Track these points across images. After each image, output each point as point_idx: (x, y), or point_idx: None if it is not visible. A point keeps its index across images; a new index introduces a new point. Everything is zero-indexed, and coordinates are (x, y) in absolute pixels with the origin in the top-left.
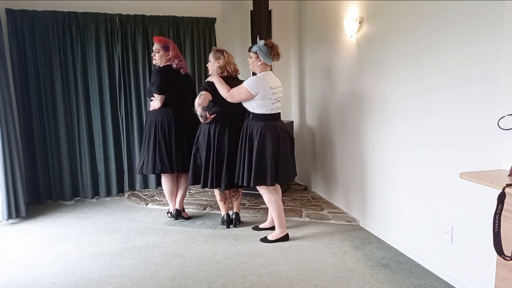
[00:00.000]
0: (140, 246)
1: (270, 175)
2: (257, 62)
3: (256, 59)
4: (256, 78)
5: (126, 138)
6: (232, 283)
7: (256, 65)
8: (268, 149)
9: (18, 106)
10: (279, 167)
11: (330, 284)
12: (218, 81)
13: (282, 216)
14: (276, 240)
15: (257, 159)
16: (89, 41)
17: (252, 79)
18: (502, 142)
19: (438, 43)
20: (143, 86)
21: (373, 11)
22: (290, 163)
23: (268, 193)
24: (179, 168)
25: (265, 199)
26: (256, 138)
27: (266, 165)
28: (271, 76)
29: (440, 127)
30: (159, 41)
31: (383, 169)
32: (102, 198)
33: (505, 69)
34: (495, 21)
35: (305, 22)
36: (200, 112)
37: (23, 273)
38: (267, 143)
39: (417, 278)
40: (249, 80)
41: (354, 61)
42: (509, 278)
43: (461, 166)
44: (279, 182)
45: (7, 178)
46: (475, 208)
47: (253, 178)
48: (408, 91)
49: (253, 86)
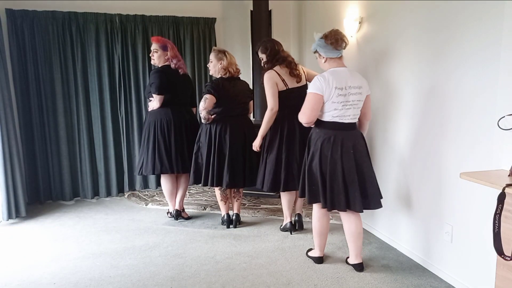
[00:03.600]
0: (140, 246)
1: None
2: (322, 60)
3: (320, 58)
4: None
5: (126, 138)
6: (232, 283)
7: (322, 64)
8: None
9: (18, 106)
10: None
11: (330, 284)
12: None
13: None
14: (309, 257)
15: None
16: (89, 41)
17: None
18: (502, 142)
19: (439, 43)
20: (143, 86)
21: (373, 11)
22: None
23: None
24: (178, 169)
25: None
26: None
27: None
28: (340, 73)
29: (440, 127)
30: (157, 41)
31: (382, 169)
32: (102, 198)
33: (505, 69)
34: (495, 21)
35: (305, 22)
36: (205, 115)
37: (23, 273)
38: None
39: (417, 278)
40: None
41: (354, 61)
42: (509, 278)
43: (461, 166)
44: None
45: (7, 178)
46: (475, 208)
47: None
48: (408, 91)
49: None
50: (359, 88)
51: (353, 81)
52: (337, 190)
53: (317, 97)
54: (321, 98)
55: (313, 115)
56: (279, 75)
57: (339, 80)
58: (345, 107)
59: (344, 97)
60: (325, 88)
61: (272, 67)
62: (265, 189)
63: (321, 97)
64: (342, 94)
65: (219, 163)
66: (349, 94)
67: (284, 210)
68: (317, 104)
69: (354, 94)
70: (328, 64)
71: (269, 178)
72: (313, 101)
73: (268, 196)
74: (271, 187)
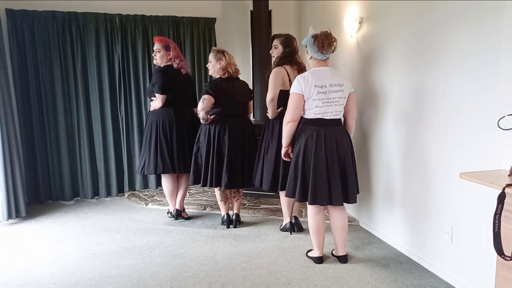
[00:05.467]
0: (140, 246)
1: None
2: (308, 56)
3: (307, 53)
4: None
5: (126, 138)
6: (232, 283)
7: (307, 59)
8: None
9: (18, 106)
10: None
11: (330, 284)
12: (285, 134)
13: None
14: (309, 257)
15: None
16: (89, 41)
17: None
18: (502, 142)
19: (439, 43)
20: (143, 86)
21: (373, 11)
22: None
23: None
24: (180, 168)
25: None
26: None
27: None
28: (321, 72)
29: (440, 127)
30: (160, 41)
31: (382, 169)
32: (102, 198)
33: (505, 69)
34: (495, 21)
35: (305, 22)
36: (203, 115)
37: (23, 273)
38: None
39: (417, 278)
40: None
41: (354, 61)
42: (509, 278)
43: (461, 166)
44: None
45: (7, 178)
46: (475, 208)
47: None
48: (408, 90)
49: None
50: (340, 86)
51: (334, 79)
52: (320, 185)
53: (298, 96)
54: (301, 97)
55: (295, 114)
56: (288, 74)
57: (318, 79)
58: (326, 104)
59: (324, 94)
60: (304, 87)
61: (282, 65)
62: (265, 188)
63: (301, 96)
64: (322, 91)
65: (218, 164)
66: (329, 91)
67: (284, 210)
68: (298, 103)
69: (335, 92)
70: (312, 62)
71: (268, 177)
72: (294, 100)
73: (268, 196)
74: (271, 186)
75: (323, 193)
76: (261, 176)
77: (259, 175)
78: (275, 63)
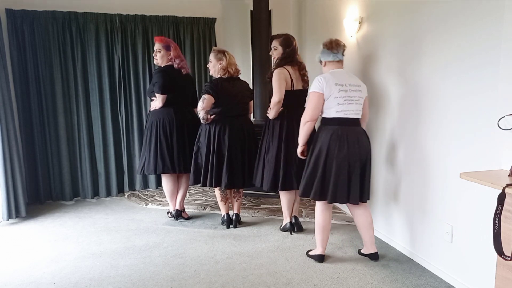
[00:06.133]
0: (140, 246)
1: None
2: (322, 65)
3: (322, 65)
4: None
5: (126, 138)
6: (232, 283)
7: (323, 69)
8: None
9: (18, 106)
10: None
11: (330, 284)
12: (302, 134)
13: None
14: (310, 256)
15: None
16: (89, 41)
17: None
18: (502, 142)
19: (439, 43)
20: (143, 86)
21: (373, 11)
22: None
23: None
24: (180, 168)
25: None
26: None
27: None
28: (339, 73)
29: (440, 127)
30: (161, 41)
31: (382, 169)
32: (102, 198)
33: (505, 69)
34: (495, 21)
35: (305, 22)
36: (203, 115)
37: (23, 273)
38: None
39: (417, 278)
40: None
41: (354, 61)
42: (509, 278)
43: (461, 166)
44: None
45: (7, 178)
46: (475, 208)
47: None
48: (408, 90)
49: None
50: (358, 86)
51: (351, 80)
52: (341, 185)
53: (318, 95)
54: (322, 96)
55: (315, 113)
56: (289, 74)
57: (338, 78)
58: (348, 101)
59: (345, 92)
60: (325, 86)
61: (284, 66)
62: (266, 188)
63: (322, 95)
64: (343, 89)
65: (218, 164)
66: (350, 90)
67: (284, 210)
68: (318, 103)
69: (355, 91)
70: (327, 67)
71: (269, 177)
72: (314, 100)
73: (268, 196)
74: (271, 186)
75: (343, 192)
76: (262, 176)
77: (259, 176)
78: (276, 64)
